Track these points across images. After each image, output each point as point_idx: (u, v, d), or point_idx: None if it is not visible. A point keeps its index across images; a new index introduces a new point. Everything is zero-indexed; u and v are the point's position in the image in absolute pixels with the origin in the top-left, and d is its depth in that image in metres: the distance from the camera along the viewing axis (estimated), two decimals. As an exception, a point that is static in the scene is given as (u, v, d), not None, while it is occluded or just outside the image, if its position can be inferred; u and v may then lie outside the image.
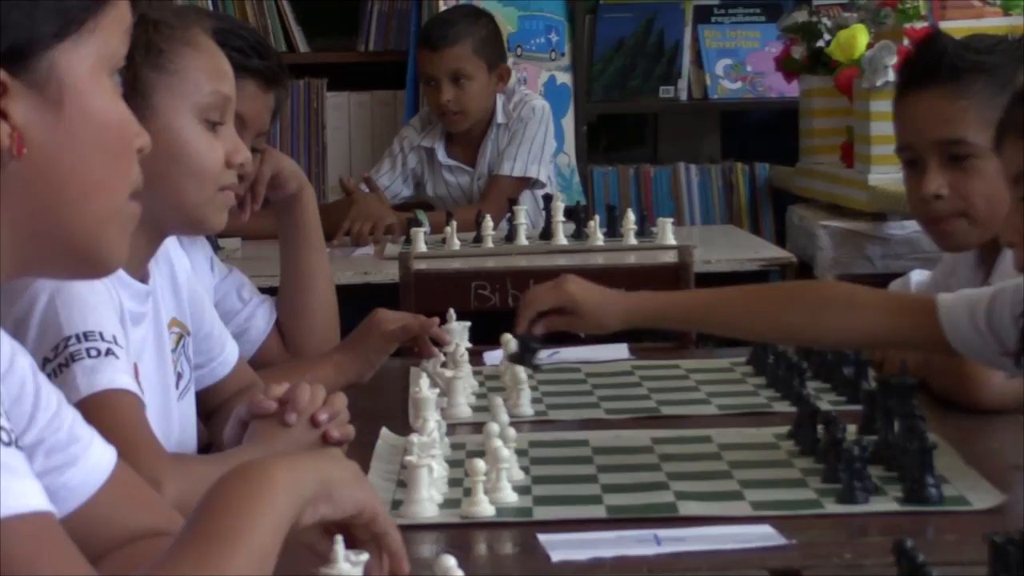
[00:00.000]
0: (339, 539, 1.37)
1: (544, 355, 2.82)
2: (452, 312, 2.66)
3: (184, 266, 2.34)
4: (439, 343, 2.64)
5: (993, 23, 4.08)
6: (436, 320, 2.66)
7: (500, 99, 4.65)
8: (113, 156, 1.33)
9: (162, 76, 2.10)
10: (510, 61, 5.08)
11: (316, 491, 1.36)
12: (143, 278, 2.15)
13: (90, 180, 1.32)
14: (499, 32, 4.78)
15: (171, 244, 2.31)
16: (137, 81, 2.05)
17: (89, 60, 1.31)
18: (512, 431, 2.01)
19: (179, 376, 2.22)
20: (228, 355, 2.41)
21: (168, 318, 2.22)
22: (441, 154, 4.68)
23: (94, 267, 1.39)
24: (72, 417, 1.46)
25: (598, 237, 4.00)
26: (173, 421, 2.18)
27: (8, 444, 1.16)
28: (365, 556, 1.40)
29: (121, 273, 2.07)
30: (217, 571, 1.23)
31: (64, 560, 1.17)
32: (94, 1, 1.31)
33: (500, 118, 4.63)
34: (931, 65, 2.59)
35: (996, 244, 2.53)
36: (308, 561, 1.39)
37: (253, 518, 1.28)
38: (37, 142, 1.27)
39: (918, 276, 2.86)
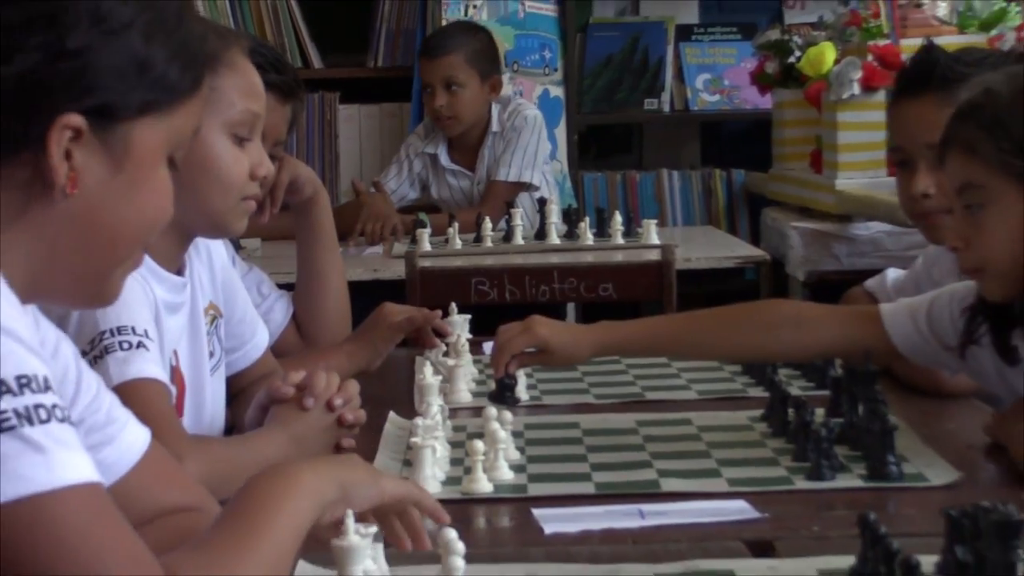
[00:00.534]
0: (350, 513, 1.37)
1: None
2: (454, 306, 2.66)
3: (220, 254, 2.35)
4: (441, 334, 2.65)
5: (949, 40, 4.07)
6: (439, 313, 2.66)
7: (496, 108, 4.65)
8: (144, 223, 1.36)
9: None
10: (507, 76, 5.09)
11: (335, 495, 1.38)
12: (178, 271, 2.15)
13: (119, 235, 1.34)
14: (494, 46, 4.76)
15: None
16: None
17: (158, 139, 1.34)
18: (509, 415, 2.01)
19: (211, 354, 2.23)
20: (260, 339, 2.42)
21: (205, 303, 2.22)
22: (444, 159, 4.68)
23: (93, 303, 1.45)
24: (110, 400, 1.48)
25: (588, 237, 4.00)
26: (206, 395, 2.19)
27: (62, 420, 1.17)
28: (373, 529, 1.40)
29: (156, 268, 2.08)
30: (240, 562, 1.25)
31: (114, 526, 1.17)
32: (178, 93, 1.35)
33: (495, 126, 4.63)
34: (924, 75, 2.59)
35: None
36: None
37: (278, 517, 1.30)
38: (88, 190, 1.29)
39: (893, 273, 2.86)
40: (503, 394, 2.32)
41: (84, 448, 1.18)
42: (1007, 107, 1.96)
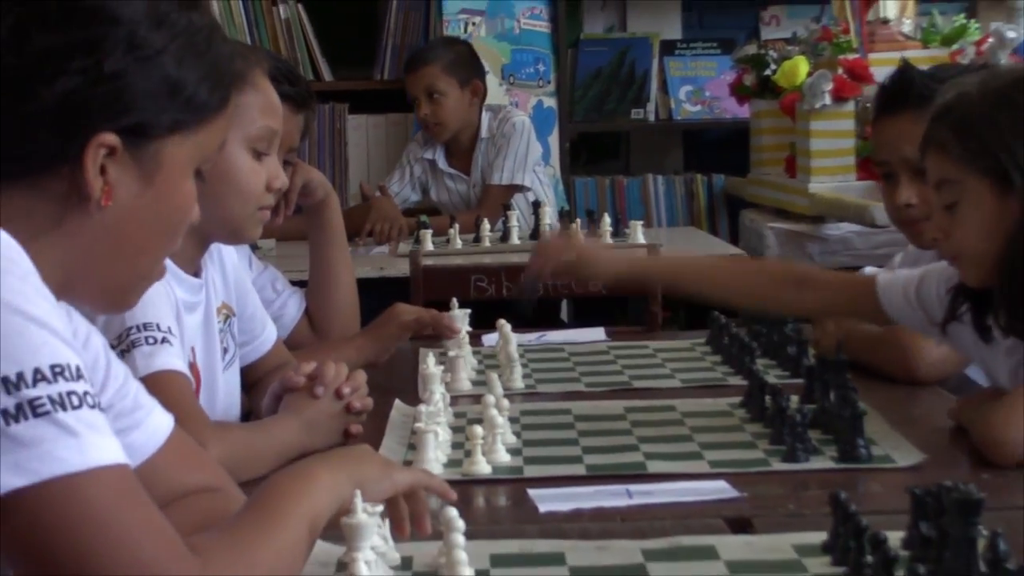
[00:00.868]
0: (358, 493, 1.37)
1: (534, 337, 2.84)
2: (455, 301, 2.66)
3: (232, 258, 2.35)
4: (450, 332, 2.65)
5: (914, 54, 4.08)
6: (447, 315, 2.66)
7: (487, 116, 4.66)
8: (171, 231, 1.38)
9: None
10: (503, 88, 5.10)
11: (351, 491, 1.38)
12: (196, 273, 2.15)
13: (147, 244, 1.36)
14: (472, 55, 4.77)
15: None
16: None
17: (187, 154, 1.35)
18: (506, 402, 2.01)
19: (225, 351, 2.23)
20: (268, 335, 2.42)
21: (218, 303, 2.23)
22: (441, 163, 4.70)
23: (114, 309, 1.46)
24: (136, 388, 1.48)
25: (579, 237, 4.00)
26: (219, 389, 2.19)
27: (92, 407, 1.17)
28: (380, 508, 1.40)
29: (177, 270, 2.08)
30: (259, 547, 1.25)
31: (141, 505, 1.17)
32: (207, 112, 1.35)
33: (484, 133, 4.65)
34: (901, 93, 2.59)
35: None
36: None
37: (296, 510, 1.30)
38: (120, 202, 1.30)
39: (869, 271, 2.86)
40: (525, 290, 2.28)
41: (113, 433, 1.19)
42: (975, 109, 1.96)
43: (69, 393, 1.14)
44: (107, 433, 1.17)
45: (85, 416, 1.15)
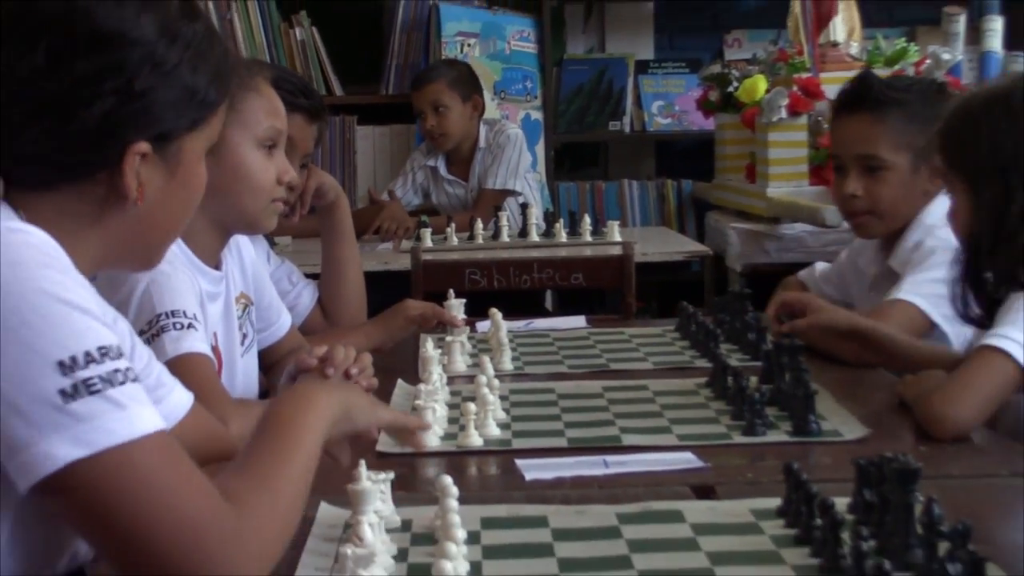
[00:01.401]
0: (362, 462, 1.37)
1: (522, 325, 2.83)
2: (451, 292, 2.66)
3: (250, 252, 2.35)
4: (452, 324, 2.65)
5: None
6: (447, 309, 2.66)
7: (484, 128, 4.67)
8: (190, 208, 1.41)
9: (231, 113, 2.08)
10: (495, 102, 5.09)
11: (340, 413, 1.40)
12: (217, 266, 2.15)
13: (172, 224, 1.40)
14: (472, 74, 4.78)
15: (241, 238, 2.30)
16: None
17: (200, 145, 1.38)
18: (496, 382, 2.01)
19: (244, 336, 2.22)
20: (283, 322, 2.42)
21: (237, 292, 2.22)
22: (443, 170, 4.70)
23: (142, 269, 1.53)
24: (159, 368, 1.49)
25: (562, 236, 4.00)
26: (238, 370, 2.18)
27: (134, 381, 1.18)
28: (383, 476, 1.40)
29: (200, 264, 2.08)
30: (280, 473, 1.26)
31: (183, 464, 1.18)
32: (216, 106, 1.38)
33: (482, 143, 4.65)
34: (860, 96, 2.60)
35: (894, 235, 2.57)
36: (340, 479, 1.39)
37: (303, 432, 1.31)
38: (150, 195, 1.33)
39: (821, 266, 2.87)
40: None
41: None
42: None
43: (115, 371, 1.15)
44: (147, 403, 1.18)
45: (129, 390, 1.16)
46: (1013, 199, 1.91)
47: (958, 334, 2.37)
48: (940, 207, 2.53)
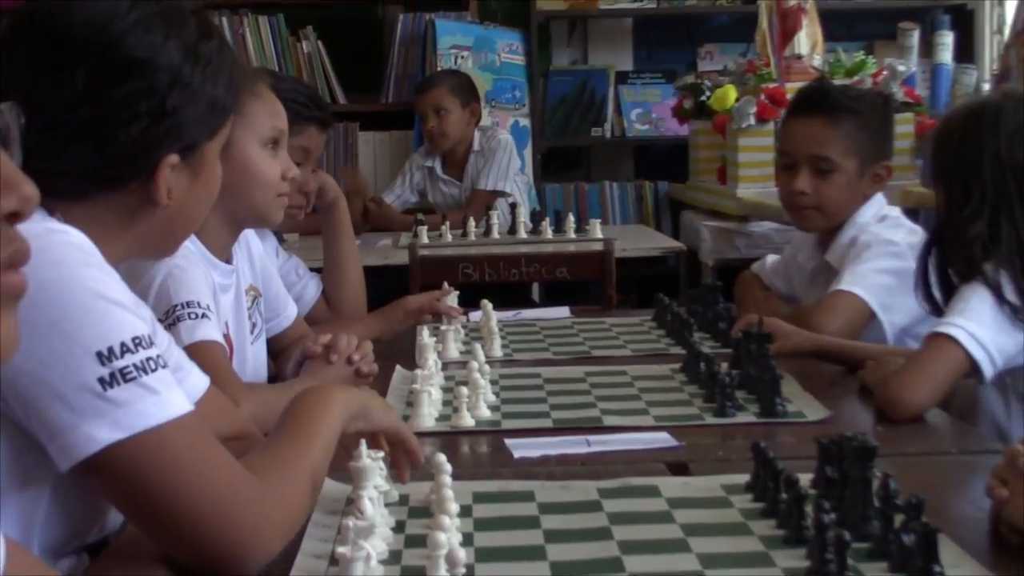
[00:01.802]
0: (363, 442, 1.38)
1: (511, 315, 2.83)
2: (446, 284, 2.66)
3: (258, 248, 2.35)
4: (453, 314, 2.64)
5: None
6: (444, 301, 2.66)
7: (477, 134, 4.69)
8: (208, 206, 1.43)
9: (237, 117, 2.08)
10: (486, 110, 5.09)
11: (357, 411, 1.41)
12: (228, 260, 2.14)
13: (193, 219, 1.42)
14: (471, 84, 4.79)
15: (250, 234, 2.30)
16: None
17: (217, 146, 1.40)
18: (487, 367, 2.01)
19: (254, 325, 2.22)
20: (290, 312, 2.41)
21: (246, 285, 2.21)
22: (439, 171, 4.71)
23: (165, 256, 1.56)
24: (178, 353, 1.50)
25: (548, 233, 3.99)
26: (248, 356, 2.18)
27: (164, 367, 1.19)
28: (381, 454, 1.40)
29: (212, 258, 2.07)
30: (299, 458, 1.28)
31: (209, 442, 1.20)
32: (229, 110, 1.40)
33: (476, 147, 4.67)
34: (818, 101, 2.60)
35: (830, 232, 2.58)
36: (342, 458, 1.39)
37: (322, 423, 1.33)
38: (176, 198, 1.35)
39: (772, 259, 2.87)
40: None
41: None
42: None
43: (148, 359, 1.17)
44: (176, 387, 1.20)
45: (161, 376, 1.17)
46: (969, 201, 1.93)
47: (892, 323, 2.40)
48: (872, 207, 2.56)
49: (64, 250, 1.19)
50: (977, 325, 1.86)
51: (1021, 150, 1.93)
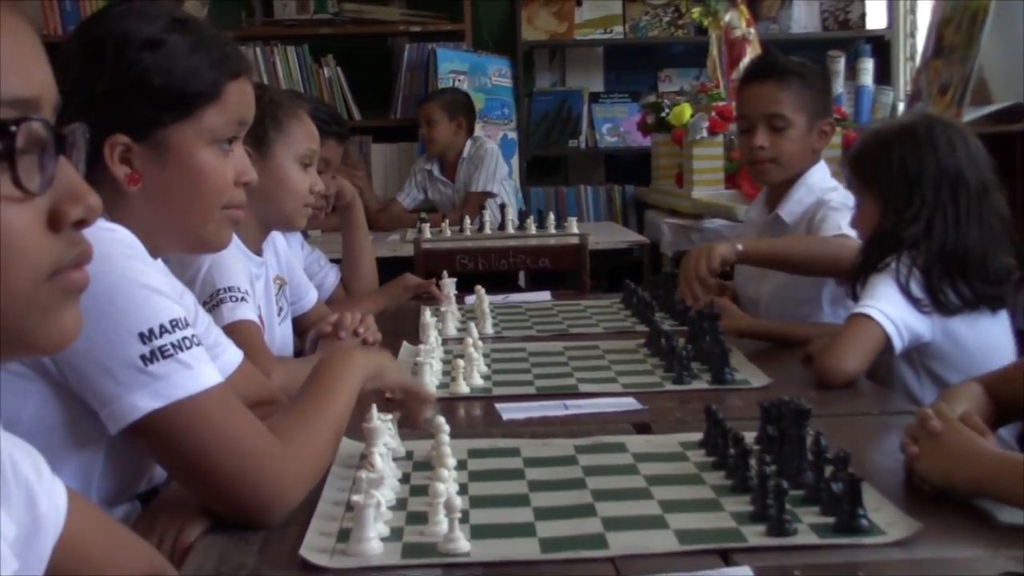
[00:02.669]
0: (374, 406, 1.37)
1: (500, 298, 2.82)
2: (445, 273, 2.66)
3: (283, 244, 2.35)
4: (440, 298, 2.64)
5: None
6: (436, 287, 2.66)
7: (469, 143, 4.71)
8: (202, 191, 1.33)
9: (279, 135, 2.08)
10: (480, 125, 5.09)
11: (374, 370, 1.41)
12: (259, 253, 2.13)
13: (187, 204, 1.33)
14: (462, 100, 4.79)
15: (276, 233, 2.29)
16: (264, 136, 2.04)
17: (190, 133, 1.31)
18: (480, 343, 2.00)
19: (280, 309, 2.21)
20: (311, 297, 2.41)
21: (274, 275, 2.21)
22: (436, 172, 4.74)
23: (204, 249, 1.42)
24: (217, 332, 1.48)
25: (532, 229, 3.98)
26: (276, 336, 2.17)
27: (198, 345, 1.18)
28: (390, 416, 1.39)
29: (248, 252, 2.06)
30: (321, 417, 1.27)
31: (241, 410, 1.19)
32: (192, 107, 1.31)
33: (465, 154, 4.69)
34: (768, 67, 2.59)
35: (778, 191, 2.56)
36: (355, 419, 1.37)
37: (342, 384, 1.32)
38: (150, 180, 1.29)
39: (736, 230, 2.86)
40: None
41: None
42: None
43: (183, 339, 1.16)
44: (209, 362, 1.18)
45: (195, 353, 1.17)
46: (911, 205, 1.95)
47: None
48: (819, 171, 2.55)
49: (111, 246, 1.18)
50: (887, 305, 1.89)
51: (954, 161, 1.96)
